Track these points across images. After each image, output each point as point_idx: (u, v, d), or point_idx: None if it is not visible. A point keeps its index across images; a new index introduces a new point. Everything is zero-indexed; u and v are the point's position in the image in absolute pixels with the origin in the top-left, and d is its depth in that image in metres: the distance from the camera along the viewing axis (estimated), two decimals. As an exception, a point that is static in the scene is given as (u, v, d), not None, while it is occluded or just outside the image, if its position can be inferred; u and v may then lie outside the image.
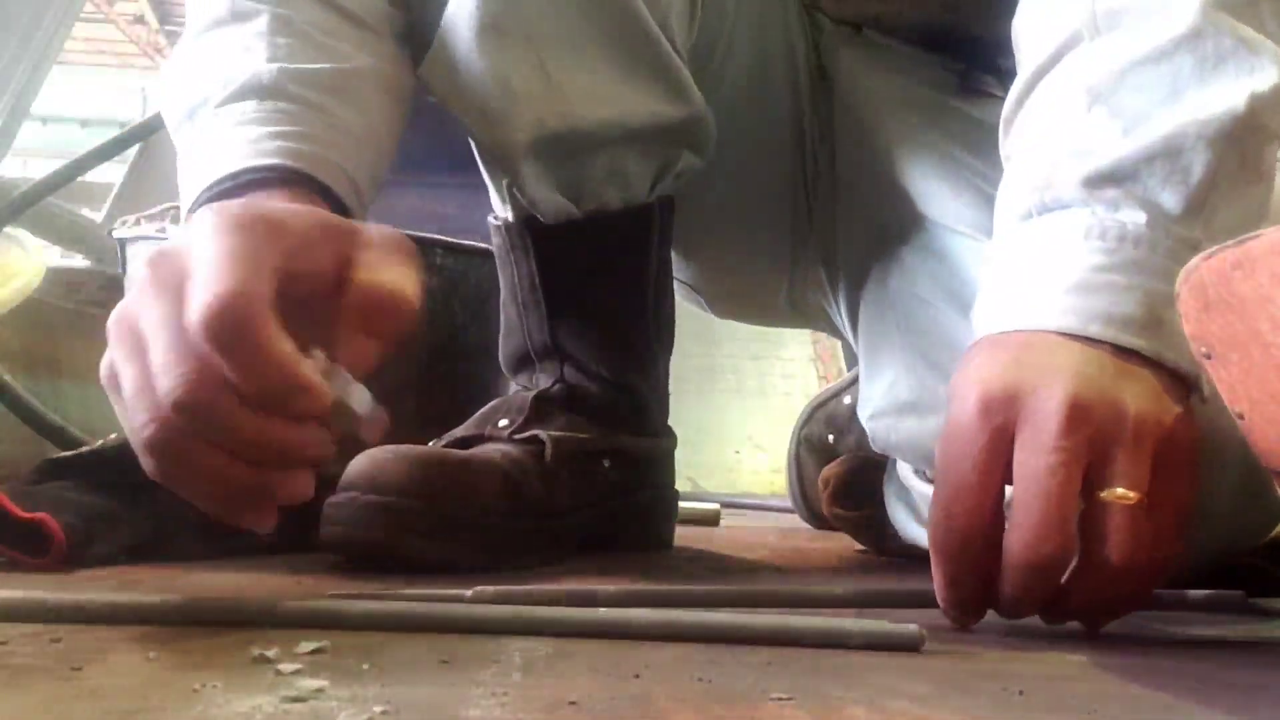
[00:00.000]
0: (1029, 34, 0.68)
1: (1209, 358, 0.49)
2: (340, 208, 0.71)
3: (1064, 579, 0.55)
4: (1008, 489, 0.55)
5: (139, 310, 0.55)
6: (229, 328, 0.52)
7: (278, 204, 0.63)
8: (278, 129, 0.71)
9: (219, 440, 0.53)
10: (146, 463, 0.55)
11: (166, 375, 0.52)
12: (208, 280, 0.53)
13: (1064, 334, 0.58)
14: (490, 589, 0.60)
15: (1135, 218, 0.59)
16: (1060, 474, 0.53)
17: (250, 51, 0.75)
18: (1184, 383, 0.58)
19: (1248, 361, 0.47)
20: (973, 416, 0.56)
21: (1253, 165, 0.60)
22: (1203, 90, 0.60)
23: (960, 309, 0.85)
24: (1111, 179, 0.60)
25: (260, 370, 0.52)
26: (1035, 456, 0.54)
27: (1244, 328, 0.46)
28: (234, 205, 0.58)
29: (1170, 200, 0.59)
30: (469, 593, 0.60)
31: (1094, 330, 0.57)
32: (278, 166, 0.69)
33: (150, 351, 0.53)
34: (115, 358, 0.55)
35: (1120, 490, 0.53)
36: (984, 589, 0.56)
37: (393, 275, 0.58)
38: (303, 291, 0.57)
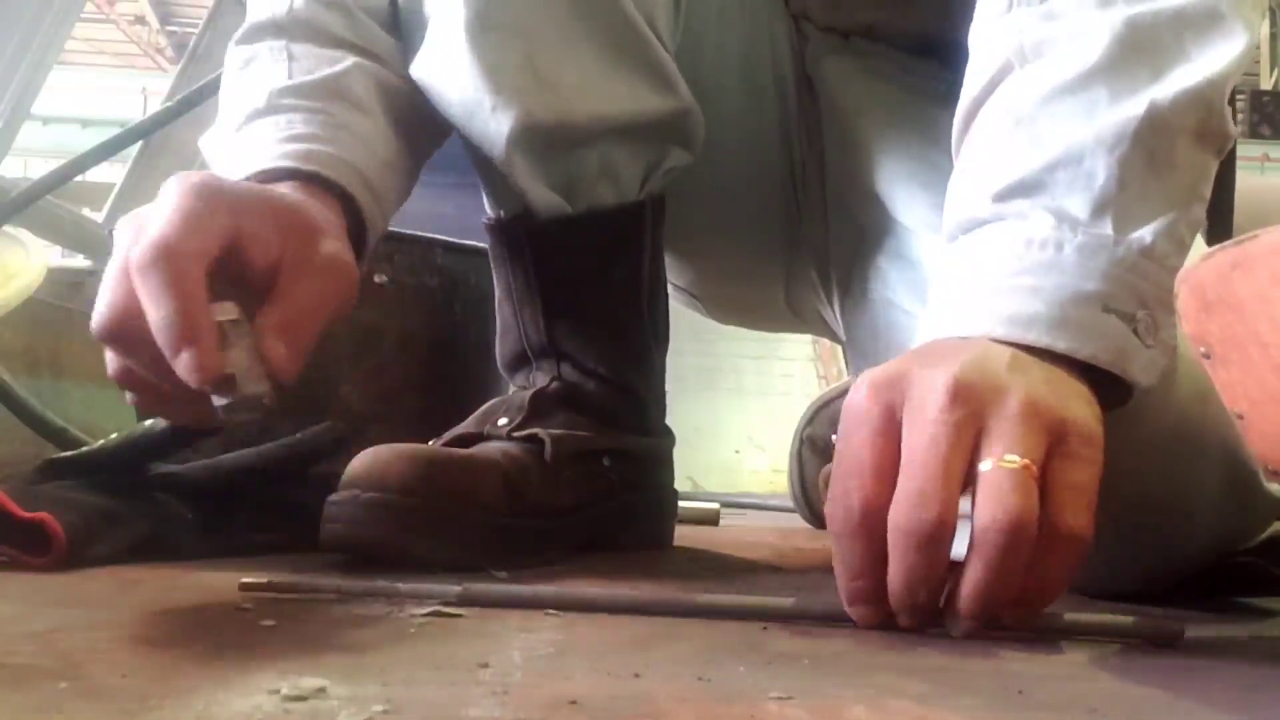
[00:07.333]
0: (971, 64, 0.70)
1: (1208, 358, 0.49)
2: (344, 195, 0.76)
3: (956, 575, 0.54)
4: None
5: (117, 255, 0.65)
6: (152, 263, 0.61)
7: (242, 183, 0.70)
8: (279, 136, 0.77)
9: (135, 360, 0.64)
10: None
11: (100, 303, 0.64)
12: (150, 227, 0.62)
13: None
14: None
15: (1043, 223, 0.61)
16: (941, 444, 0.53)
17: (255, 89, 0.82)
18: (1104, 378, 0.59)
19: (1247, 362, 0.47)
20: (864, 397, 0.56)
21: (1163, 161, 0.62)
22: (1113, 110, 0.62)
23: None
24: (1019, 192, 0.63)
25: (165, 305, 0.60)
26: (917, 431, 0.54)
27: (1243, 328, 0.46)
28: (196, 174, 0.66)
29: (1076, 205, 0.61)
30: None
31: (999, 333, 0.59)
32: (277, 170, 0.74)
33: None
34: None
35: (1008, 456, 0.53)
36: (884, 577, 0.55)
37: (327, 256, 0.67)
38: (255, 264, 0.65)
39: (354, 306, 0.70)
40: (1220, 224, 0.90)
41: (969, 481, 0.54)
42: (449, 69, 0.83)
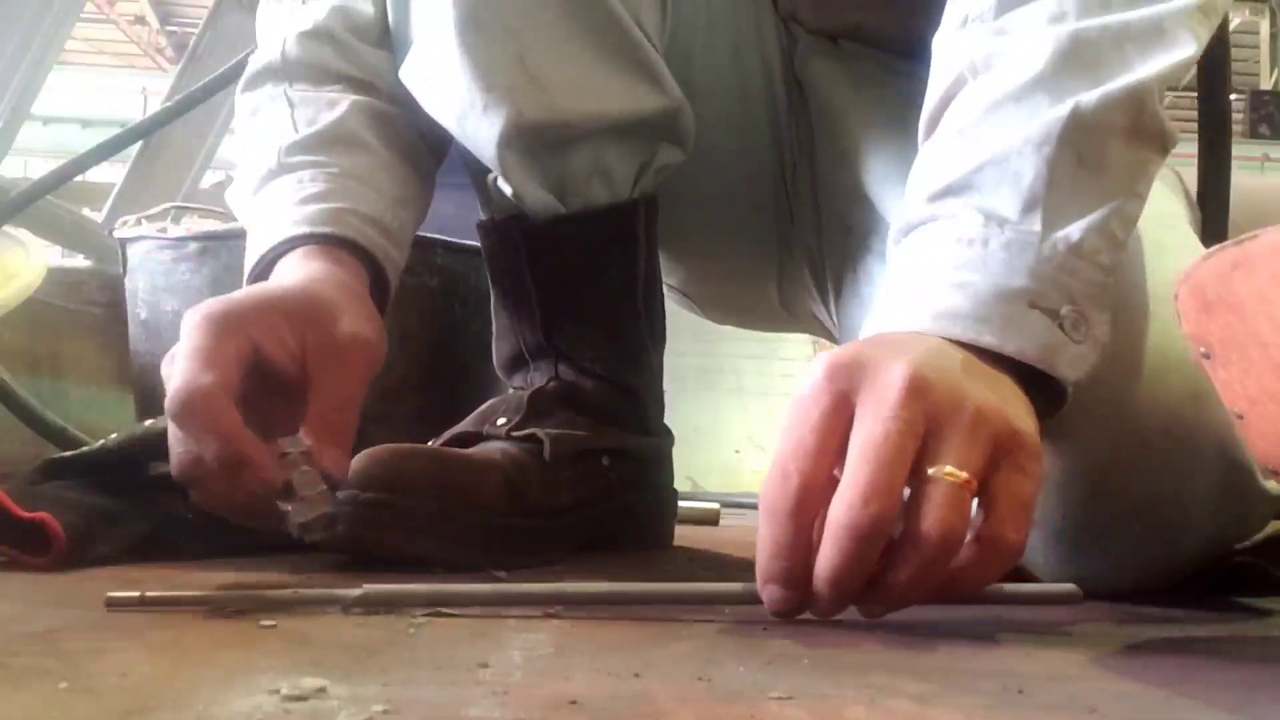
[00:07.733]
0: (930, 78, 0.71)
1: (1208, 358, 0.49)
2: (355, 247, 0.81)
3: (883, 565, 0.54)
4: None
5: None
6: (183, 415, 0.65)
7: (248, 294, 0.74)
8: (293, 199, 0.81)
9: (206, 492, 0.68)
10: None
11: (171, 455, 0.68)
12: (174, 377, 0.66)
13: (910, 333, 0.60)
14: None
15: (972, 221, 0.62)
16: (893, 441, 0.53)
17: (266, 146, 0.85)
18: (1036, 377, 0.59)
19: (1246, 362, 0.47)
20: (818, 380, 0.56)
21: (1094, 160, 0.63)
22: (1047, 114, 0.63)
23: None
24: (951, 192, 0.64)
25: (211, 445, 0.65)
26: (871, 424, 0.54)
27: (1243, 328, 0.46)
28: (206, 304, 0.70)
29: (1004, 203, 0.62)
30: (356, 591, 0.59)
31: (927, 327, 0.59)
32: (295, 237, 0.79)
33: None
34: None
35: (948, 468, 0.53)
36: (806, 563, 0.55)
37: (347, 336, 0.72)
38: (280, 365, 0.70)
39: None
40: (1216, 224, 0.90)
41: (910, 475, 0.54)
42: (439, 70, 0.84)
